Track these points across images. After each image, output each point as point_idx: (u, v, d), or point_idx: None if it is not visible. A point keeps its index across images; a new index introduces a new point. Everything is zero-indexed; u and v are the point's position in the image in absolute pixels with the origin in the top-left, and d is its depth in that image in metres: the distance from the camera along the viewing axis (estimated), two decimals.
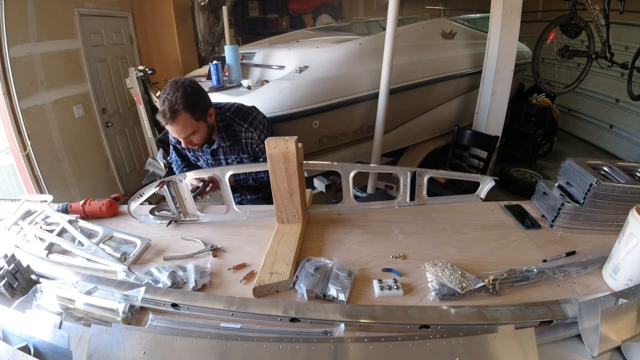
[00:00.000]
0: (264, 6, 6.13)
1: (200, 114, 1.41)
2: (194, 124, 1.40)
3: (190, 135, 1.43)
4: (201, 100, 1.42)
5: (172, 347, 0.70)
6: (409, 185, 1.19)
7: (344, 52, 2.64)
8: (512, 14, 2.71)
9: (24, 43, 2.71)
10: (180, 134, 1.42)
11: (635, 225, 0.88)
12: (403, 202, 1.22)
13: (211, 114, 1.48)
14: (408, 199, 1.21)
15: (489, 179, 1.17)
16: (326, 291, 0.93)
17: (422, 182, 1.19)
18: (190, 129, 1.41)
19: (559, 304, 0.84)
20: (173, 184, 1.26)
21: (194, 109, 1.37)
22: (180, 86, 1.35)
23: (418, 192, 1.20)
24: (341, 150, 2.80)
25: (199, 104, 1.40)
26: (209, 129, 1.50)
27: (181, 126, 1.38)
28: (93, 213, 1.38)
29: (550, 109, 4.65)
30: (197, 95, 1.39)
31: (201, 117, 1.42)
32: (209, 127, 1.49)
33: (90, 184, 3.38)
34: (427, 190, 1.20)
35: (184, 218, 1.33)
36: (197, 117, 1.40)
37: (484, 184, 1.19)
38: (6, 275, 0.94)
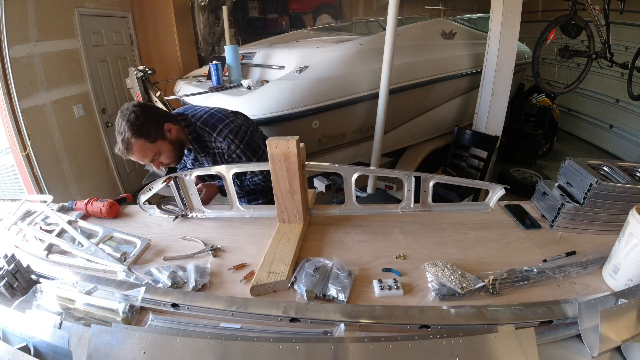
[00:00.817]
0: (264, 6, 6.14)
1: (154, 135, 1.35)
2: (150, 147, 1.35)
3: (154, 158, 1.38)
4: (150, 121, 1.34)
5: (172, 347, 0.69)
6: (413, 190, 1.16)
7: (344, 52, 2.64)
8: (512, 14, 2.71)
9: (24, 43, 2.72)
10: (144, 160, 1.37)
11: (635, 225, 0.88)
12: (407, 208, 1.20)
13: (170, 130, 1.40)
14: (412, 204, 1.19)
15: (499, 187, 1.14)
16: (326, 291, 0.93)
17: (427, 188, 1.15)
18: (150, 153, 1.36)
19: (559, 304, 0.83)
20: (180, 179, 1.27)
21: (143, 133, 1.31)
22: (125, 114, 1.30)
23: (423, 198, 1.17)
24: (341, 150, 2.80)
25: (149, 126, 1.33)
26: (174, 145, 1.43)
27: (140, 154, 1.34)
28: (94, 213, 1.38)
29: (550, 109, 4.66)
30: (143, 117, 1.31)
31: (156, 137, 1.35)
32: (173, 143, 1.42)
33: (90, 184, 3.38)
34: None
35: (190, 213, 1.34)
36: (151, 140, 1.34)
37: (493, 192, 1.15)
38: (6, 275, 0.94)
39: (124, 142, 1.30)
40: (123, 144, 1.30)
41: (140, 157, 1.36)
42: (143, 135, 1.31)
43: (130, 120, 1.29)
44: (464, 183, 1.23)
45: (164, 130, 1.38)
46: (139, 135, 1.30)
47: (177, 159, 1.47)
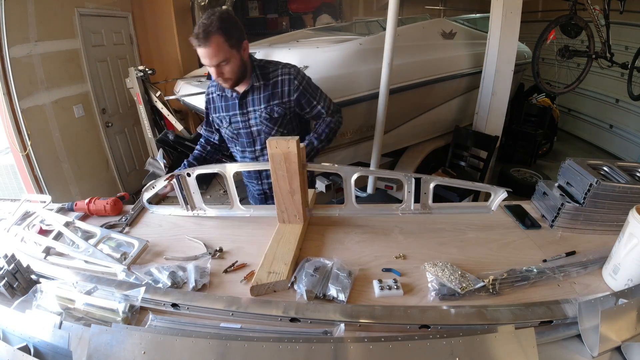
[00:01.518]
0: (264, 6, 6.13)
1: (235, 42, 1.36)
2: (226, 50, 1.34)
3: (222, 63, 1.36)
4: (236, 28, 1.36)
5: (172, 347, 0.70)
6: (413, 191, 1.16)
7: (344, 52, 2.64)
8: (512, 14, 2.71)
9: (24, 43, 2.72)
10: (212, 59, 1.34)
11: (635, 225, 0.88)
12: (407, 209, 1.19)
13: (245, 49, 1.42)
14: (412, 206, 1.19)
15: (502, 190, 1.13)
16: (326, 291, 0.93)
17: (427, 189, 1.15)
18: (223, 55, 1.34)
19: (559, 304, 0.84)
20: (182, 178, 1.28)
21: (228, 33, 1.32)
22: (217, 12, 1.32)
23: (423, 199, 1.17)
24: (341, 150, 2.80)
25: (234, 31, 1.35)
26: (242, 64, 1.43)
27: (214, 49, 1.31)
28: (97, 212, 1.39)
29: (550, 109, 4.66)
30: (232, 21, 1.35)
31: (235, 44, 1.36)
32: (242, 62, 1.42)
33: (90, 184, 3.38)
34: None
35: (192, 212, 1.34)
36: (230, 44, 1.34)
37: (495, 195, 1.15)
38: (6, 275, 0.94)
39: (206, 31, 1.28)
40: (204, 32, 1.28)
41: (211, 53, 1.33)
42: (227, 34, 1.31)
43: (223, 17, 1.30)
44: (465, 186, 1.23)
45: (242, 44, 1.40)
46: (224, 32, 1.30)
47: (237, 80, 1.45)
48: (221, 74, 1.39)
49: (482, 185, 1.21)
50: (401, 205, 1.20)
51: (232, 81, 1.44)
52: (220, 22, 1.29)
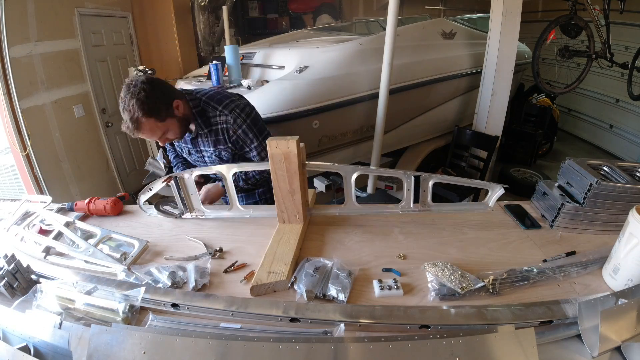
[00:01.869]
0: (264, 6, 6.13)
1: (164, 114, 1.33)
2: (160, 125, 1.33)
3: (162, 135, 1.38)
4: (160, 99, 1.31)
5: (172, 347, 0.70)
6: (412, 189, 1.16)
7: (344, 52, 2.64)
8: (512, 14, 2.71)
9: (24, 43, 2.72)
10: (152, 138, 1.38)
11: (635, 225, 0.88)
12: (407, 208, 1.20)
13: (177, 107, 1.38)
14: (412, 204, 1.19)
15: (499, 187, 1.14)
16: (326, 291, 0.93)
17: (426, 187, 1.15)
18: (160, 131, 1.35)
19: (559, 304, 0.83)
20: (180, 179, 1.27)
21: (154, 112, 1.29)
22: (134, 92, 1.25)
23: (422, 197, 1.17)
24: (341, 150, 2.80)
25: (159, 105, 1.30)
26: (181, 122, 1.41)
27: (148, 133, 1.33)
28: (97, 212, 1.39)
29: (550, 109, 4.66)
30: (153, 96, 1.28)
31: (166, 115, 1.34)
32: (180, 120, 1.40)
33: (90, 184, 3.38)
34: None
35: (190, 214, 1.34)
36: (161, 119, 1.32)
37: (493, 191, 1.15)
38: (6, 275, 0.94)
39: (134, 121, 1.27)
40: (132, 123, 1.27)
41: (148, 135, 1.35)
42: (154, 114, 1.29)
43: (141, 99, 1.25)
44: (463, 182, 1.23)
45: (172, 107, 1.36)
46: (150, 114, 1.28)
47: (183, 134, 1.46)
48: (167, 140, 1.42)
49: (479, 182, 1.21)
50: (401, 203, 1.21)
51: (180, 137, 1.47)
52: (141, 107, 1.25)
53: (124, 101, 1.27)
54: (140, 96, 1.25)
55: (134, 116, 1.26)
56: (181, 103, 1.39)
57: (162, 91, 1.34)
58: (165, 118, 1.33)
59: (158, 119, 1.31)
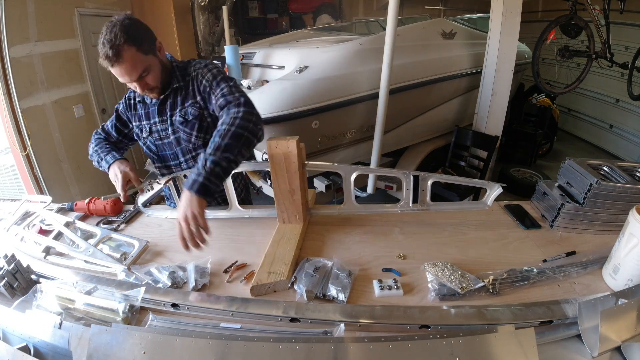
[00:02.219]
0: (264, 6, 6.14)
1: (147, 46, 1.21)
2: (142, 59, 1.19)
3: (143, 74, 1.22)
4: (143, 31, 1.21)
5: (172, 347, 0.70)
6: (411, 189, 1.16)
7: (344, 52, 2.64)
8: (512, 14, 2.71)
9: (24, 43, 2.72)
10: (131, 75, 1.20)
11: (635, 225, 0.88)
12: (406, 207, 1.20)
13: (160, 49, 1.28)
14: (411, 204, 1.19)
15: (497, 186, 1.14)
16: (326, 291, 0.93)
17: (425, 186, 1.16)
18: (140, 66, 1.19)
19: (559, 304, 0.84)
20: (179, 180, 1.27)
21: (137, 40, 1.16)
22: (116, 22, 1.14)
23: (421, 196, 1.18)
24: (341, 150, 2.80)
25: (143, 36, 1.20)
26: (162, 66, 1.29)
27: (130, 63, 1.16)
28: (97, 212, 1.39)
29: (550, 109, 4.66)
30: (136, 26, 1.18)
31: (149, 49, 1.22)
32: (162, 64, 1.29)
33: (90, 184, 3.38)
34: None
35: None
36: (144, 50, 1.19)
37: (491, 190, 1.16)
38: (6, 275, 0.94)
39: (114, 47, 1.12)
40: (113, 50, 1.12)
41: (129, 69, 1.18)
42: (137, 42, 1.16)
43: (125, 25, 1.14)
44: (462, 182, 1.24)
45: (155, 45, 1.25)
46: (133, 41, 1.15)
47: (162, 86, 1.31)
48: (146, 85, 1.25)
49: (477, 181, 1.22)
50: (400, 202, 1.21)
51: (159, 89, 1.31)
52: (125, 32, 1.13)
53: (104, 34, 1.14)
54: (125, 23, 1.15)
55: (115, 42, 1.12)
56: (162, 47, 1.30)
57: (146, 28, 1.24)
58: (148, 52, 1.21)
59: (140, 49, 1.18)
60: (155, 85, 1.28)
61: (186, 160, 1.43)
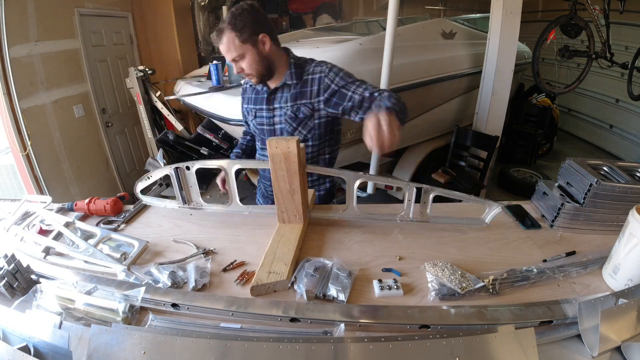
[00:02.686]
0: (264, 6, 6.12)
1: (247, 36, 1.33)
2: (237, 45, 1.33)
3: (237, 58, 1.36)
4: (250, 22, 1.33)
5: (172, 347, 0.70)
6: (413, 200, 1.17)
7: (344, 52, 2.64)
8: (512, 14, 2.71)
9: (24, 43, 2.72)
10: (226, 55, 1.37)
11: (635, 225, 0.88)
12: (406, 217, 1.20)
13: (264, 41, 1.37)
14: (411, 214, 1.19)
15: (497, 206, 1.15)
16: (326, 291, 0.93)
17: (427, 199, 1.16)
18: (235, 50, 1.34)
19: (559, 304, 0.84)
20: (180, 170, 1.28)
21: (238, 28, 1.31)
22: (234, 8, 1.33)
23: (422, 209, 1.18)
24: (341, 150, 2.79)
25: (246, 25, 1.32)
26: (261, 59, 1.38)
27: (225, 46, 1.34)
28: (97, 212, 1.39)
29: (550, 109, 4.66)
30: (245, 15, 1.32)
31: (247, 39, 1.33)
32: (261, 57, 1.38)
33: (90, 184, 3.38)
34: None
35: (189, 206, 1.34)
36: (241, 39, 1.32)
37: (490, 209, 1.16)
38: (6, 275, 0.94)
39: (219, 30, 1.33)
40: (218, 30, 1.33)
41: (224, 49, 1.35)
42: (236, 29, 1.31)
43: (235, 13, 1.32)
44: (461, 198, 1.22)
45: (257, 37, 1.35)
46: (233, 28, 1.31)
47: (260, 74, 1.41)
48: (240, 69, 1.39)
49: (476, 199, 1.20)
50: (400, 213, 1.21)
51: (255, 77, 1.41)
52: (231, 18, 1.31)
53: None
54: (236, 11, 1.33)
55: (222, 25, 1.33)
56: (268, 42, 1.38)
57: (256, 19, 1.35)
58: (245, 41, 1.33)
59: (238, 36, 1.32)
60: (249, 72, 1.39)
61: None
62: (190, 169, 1.27)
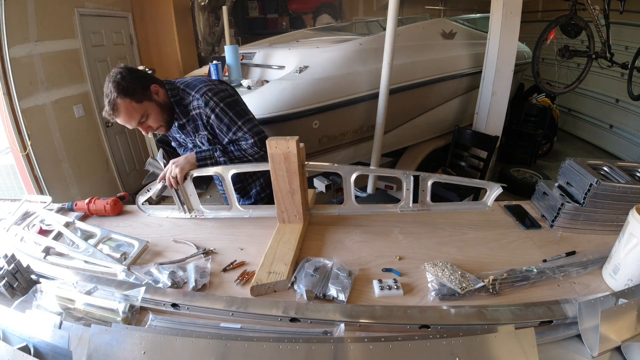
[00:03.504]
0: (264, 6, 6.13)
1: (140, 95, 1.32)
2: (137, 107, 1.31)
3: (142, 120, 1.34)
4: (135, 81, 1.31)
5: (172, 347, 0.70)
6: (412, 189, 1.16)
7: (344, 52, 2.64)
8: (512, 14, 2.71)
9: (24, 43, 2.71)
10: (131, 123, 1.33)
11: (635, 225, 0.88)
12: (406, 207, 1.20)
13: (157, 92, 1.37)
14: (411, 204, 1.19)
15: (497, 186, 1.15)
16: (326, 291, 0.93)
17: (425, 187, 1.16)
18: (137, 114, 1.32)
19: (559, 304, 0.84)
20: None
21: (129, 92, 1.28)
22: (111, 77, 1.30)
23: (421, 197, 1.17)
24: (341, 150, 2.80)
25: (134, 86, 1.30)
26: (162, 107, 1.38)
27: (126, 114, 1.30)
28: (97, 212, 1.39)
29: (550, 109, 4.65)
30: (129, 78, 1.30)
31: (143, 97, 1.32)
32: (160, 105, 1.38)
33: (90, 184, 3.38)
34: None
35: (189, 214, 1.35)
36: (137, 99, 1.31)
37: (491, 190, 1.16)
38: (6, 275, 0.94)
39: (110, 103, 1.27)
40: (109, 105, 1.28)
41: (127, 119, 1.31)
42: (129, 94, 1.28)
43: (117, 80, 1.27)
44: (462, 182, 1.24)
45: (150, 91, 1.35)
46: (125, 94, 1.27)
47: (167, 123, 1.42)
48: (149, 128, 1.38)
49: (477, 181, 1.22)
50: (400, 203, 1.21)
51: (164, 127, 1.42)
52: (116, 88, 1.27)
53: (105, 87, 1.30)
54: (116, 78, 1.28)
55: (111, 98, 1.27)
56: (160, 90, 1.38)
57: (139, 75, 1.35)
58: (142, 100, 1.32)
59: (134, 99, 1.30)
60: (158, 125, 1.39)
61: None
62: (187, 178, 1.28)
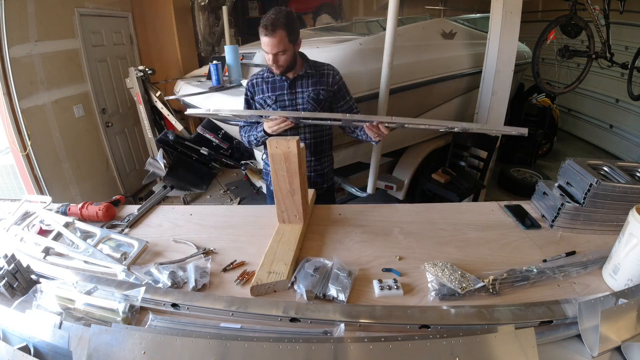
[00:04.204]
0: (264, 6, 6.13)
1: (294, 37, 1.57)
2: (286, 43, 1.54)
3: (279, 53, 1.56)
4: (297, 27, 1.58)
5: (172, 347, 0.70)
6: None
7: (344, 52, 2.63)
8: (512, 14, 2.71)
9: (24, 43, 2.71)
10: (273, 48, 1.54)
11: (635, 225, 0.88)
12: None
13: (299, 44, 1.64)
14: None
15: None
16: (326, 291, 0.93)
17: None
18: (283, 46, 1.54)
19: (559, 304, 0.84)
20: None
21: (290, 29, 1.52)
22: (283, 10, 1.53)
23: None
24: (341, 150, 2.80)
25: (295, 29, 1.56)
26: (294, 57, 1.64)
27: (277, 40, 1.51)
28: (90, 217, 1.35)
29: (550, 109, 4.66)
30: (295, 21, 1.56)
31: (293, 40, 1.57)
32: (294, 55, 1.64)
33: (90, 184, 3.38)
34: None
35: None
36: (290, 39, 1.54)
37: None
38: (6, 275, 0.94)
39: (274, 24, 1.48)
40: (271, 25, 1.48)
41: (275, 43, 1.52)
42: (289, 29, 1.52)
43: (290, 15, 1.52)
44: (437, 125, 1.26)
45: (298, 41, 1.62)
46: (287, 28, 1.50)
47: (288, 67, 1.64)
48: (277, 61, 1.60)
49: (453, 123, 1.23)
50: None
51: (284, 69, 1.65)
52: (286, 19, 1.50)
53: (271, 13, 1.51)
54: (290, 15, 1.54)
55: (276, 22, 1.48)
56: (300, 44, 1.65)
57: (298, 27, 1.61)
58: (292, 41, 1.56)
59: (289, 36, 1.53)
60: (283, 64, 1.62)
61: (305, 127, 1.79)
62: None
